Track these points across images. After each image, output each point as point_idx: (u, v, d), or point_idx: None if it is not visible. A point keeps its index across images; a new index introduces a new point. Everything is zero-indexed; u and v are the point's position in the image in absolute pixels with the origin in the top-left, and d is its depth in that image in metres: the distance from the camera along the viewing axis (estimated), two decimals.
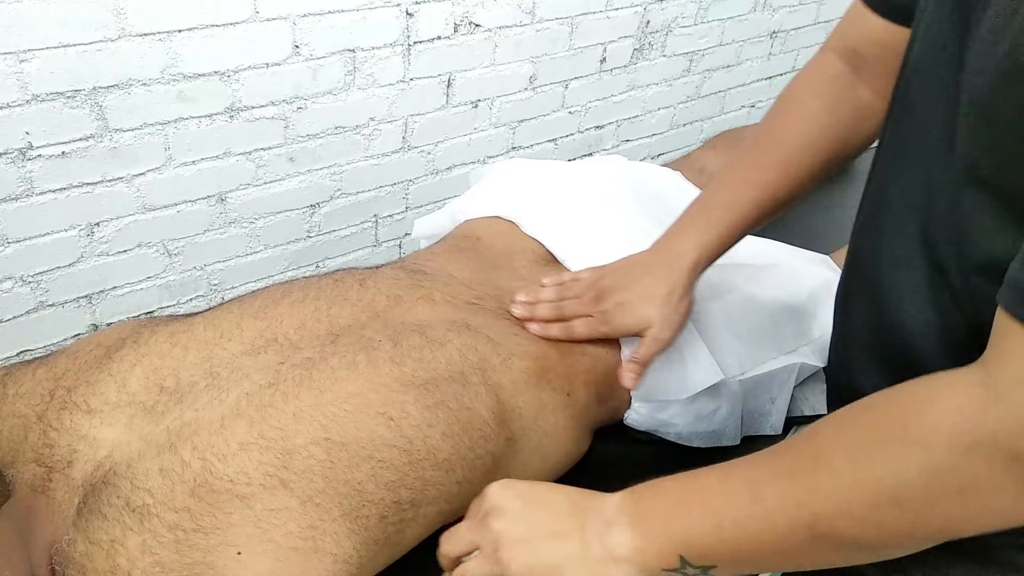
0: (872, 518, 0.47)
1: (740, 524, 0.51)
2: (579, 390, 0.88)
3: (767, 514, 0.50)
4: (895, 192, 0.62)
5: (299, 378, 0.70)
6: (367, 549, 0.66)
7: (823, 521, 0.48)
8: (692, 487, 0.56)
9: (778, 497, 0.50)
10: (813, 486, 0.49)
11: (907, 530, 0.47)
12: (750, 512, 0.51)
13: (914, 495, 0.45)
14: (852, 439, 0.48)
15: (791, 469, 0.50)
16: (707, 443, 0.99)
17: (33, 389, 0.71)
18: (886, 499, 0.46)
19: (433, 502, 0.72)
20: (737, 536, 0.51)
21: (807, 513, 0.48)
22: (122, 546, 0.60)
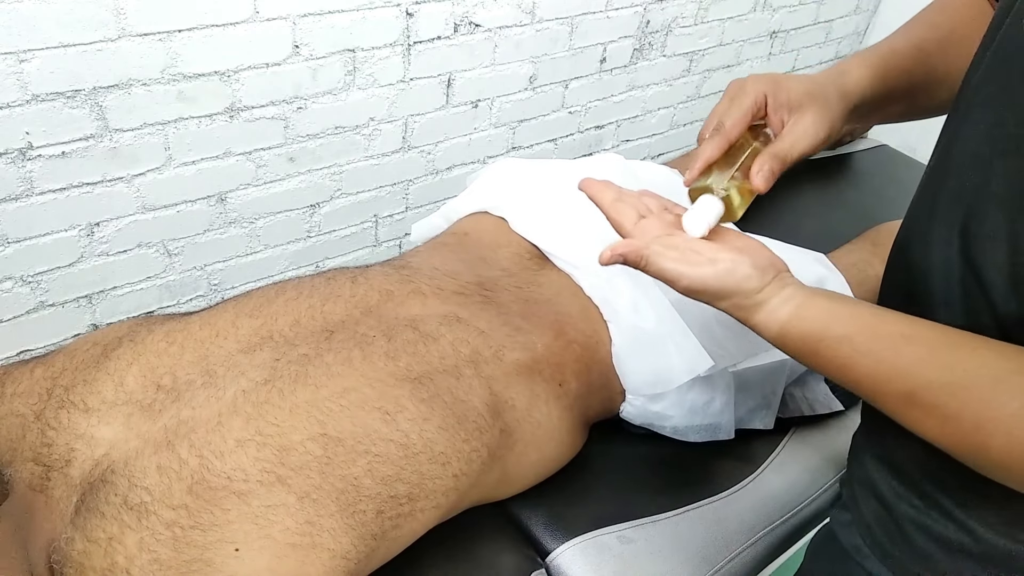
0: (954, 424, 0.51)
1: (863, 361, 0.56)
2: (570, 380, 0.88)
3: (880, 365, 0.55)
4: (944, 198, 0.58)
5: (295, 374, 0.70)
6: (364, 544, 0.66)
7: (918, 400, 0.53)
8: (854, 312, 0.59)
9: (896, 367, 0.54)
10: (923, 384, 0.52)
11: (971, 441, 0.50)
12: (876, 364, 0.55)
13: (988, 424, 0.49)
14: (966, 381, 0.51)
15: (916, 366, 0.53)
16: (703, 437, 0.99)
17: (31, 388, 0.71)
18: (970, 419, 0.50)
19: (430, 496, 0.72)
20: (855, 367, 0.57)
21: (907, 387, 0.53)
22: (120, 544, 0.60)
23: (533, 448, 0.84)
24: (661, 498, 0.95)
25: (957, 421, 0.51)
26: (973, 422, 0.50)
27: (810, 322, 0.60)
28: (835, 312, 0.60)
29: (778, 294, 0.63)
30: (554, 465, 0.90)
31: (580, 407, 0.90)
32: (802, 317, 0.61)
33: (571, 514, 0.91)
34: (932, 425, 0.53)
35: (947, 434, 0.52)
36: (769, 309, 0.63)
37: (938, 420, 0.52)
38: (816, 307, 0.61)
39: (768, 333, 0.63)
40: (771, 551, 0.96)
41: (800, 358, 0.62)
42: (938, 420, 0.52)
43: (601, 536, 0.89)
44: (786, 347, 0.63)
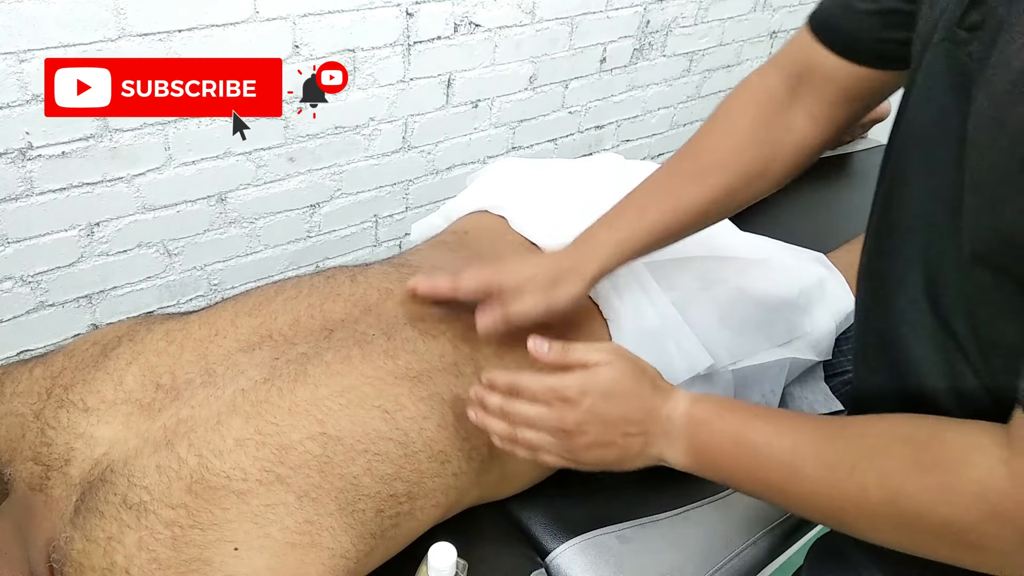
0: (891, 536, 0.55)
1: (774, 493, 0.60)
2: None
3: (800, 498, 0.58)
4: (900, 265, 0.61)
5: (294, 373, 0.70)
6: (364, 543, 0.66)
7: (848, 522, 0.57)
8: (745, 440, 0.62)
9: (812, 487, 0.57)
10: (845, 493, 0.55)
11: (919, 552, 0.54)
12: (784, 488, 0.59)
13: (931, 536, 0.52)
14: (888, 466, 0.53)
15: (831, 466, 0.56)
16: None
17: (30, 388, 0.71)
18: (907, 529, 0.53)
19: (429, 495, 0.72)
20: (780, 491, 0.60)
21: (836, 509, 0.56)
22: (119, 543, 0.60)
23: None
24: (661, 498, 0.95)
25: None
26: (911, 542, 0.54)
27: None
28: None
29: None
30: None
31: None
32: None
33: (571, 514, 0.91)
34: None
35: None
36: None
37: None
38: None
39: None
40: (771, 551, 0.96)
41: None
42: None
43: (601, 536, 0.89)
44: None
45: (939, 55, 0.54)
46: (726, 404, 0.67)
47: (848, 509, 0.55)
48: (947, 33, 0.53)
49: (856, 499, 0.54)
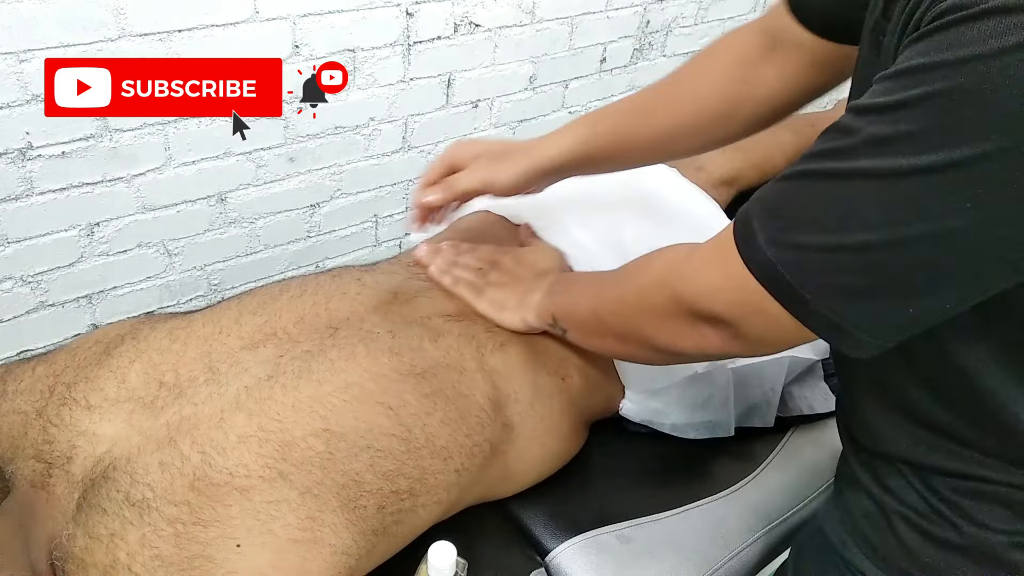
0: (614, 310, 0.72)
1: (574, 303, 0.81)
2: (573, 375, 0.88)
3: (586, 300, 0.78)
4: None
5: (298, 370, 0.70)
6: (365, 540, 0.66)
7: (600, 305, 0.75)
8: (577, 280, 0.87)
9: (594, 290, 0.78)
10: (605, 288, 0.75)
11: (628, 327, 0.70)
12: (584, 299, 0.79)
13: (632, 309, 0.69)
14: (630, 266, 0.73)
15: (607, 276, 0.76)
16: (702, 434, 0.99)
17: (33, 386, 0.71)
18: (621, 301, 0.71)
19: (431, 491, 0.72)
20: (572, 310, 0.81)
21: (596, 299, 0.76)
22: (122, 540, 0.60)
23: (535, 443, 0.85)
24: (661, 497, 0.95)
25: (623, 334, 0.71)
26: (628, 324, 0.70)
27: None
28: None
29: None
30: (556, 462, 0.90)
31: (582, 403, 0.90)
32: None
33: (571, 513, 0.91)
34: (615, 344, 0.75)
35: (627, 347, 0.73)
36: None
37: (615, 337, 0.73)
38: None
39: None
40: (771, 550, 0.96)
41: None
42: (615, 337, 0.73)
43: (601, 535, 0.89)
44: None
45: (869, 44, 0.56)
46: (581, 272, 0.94)
47: (600, 301, 0.75)
48: (875, 24, 0.55)
49: (606, 295, 0.74)
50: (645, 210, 1.09)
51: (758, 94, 0.82)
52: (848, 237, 0.47)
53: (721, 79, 0.82)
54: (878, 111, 0.45)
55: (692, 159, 1.32)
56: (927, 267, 0.46)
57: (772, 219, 0.52)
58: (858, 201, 0.47)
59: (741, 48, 0.82)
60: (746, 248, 0.54)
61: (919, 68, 0.43)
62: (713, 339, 0.60)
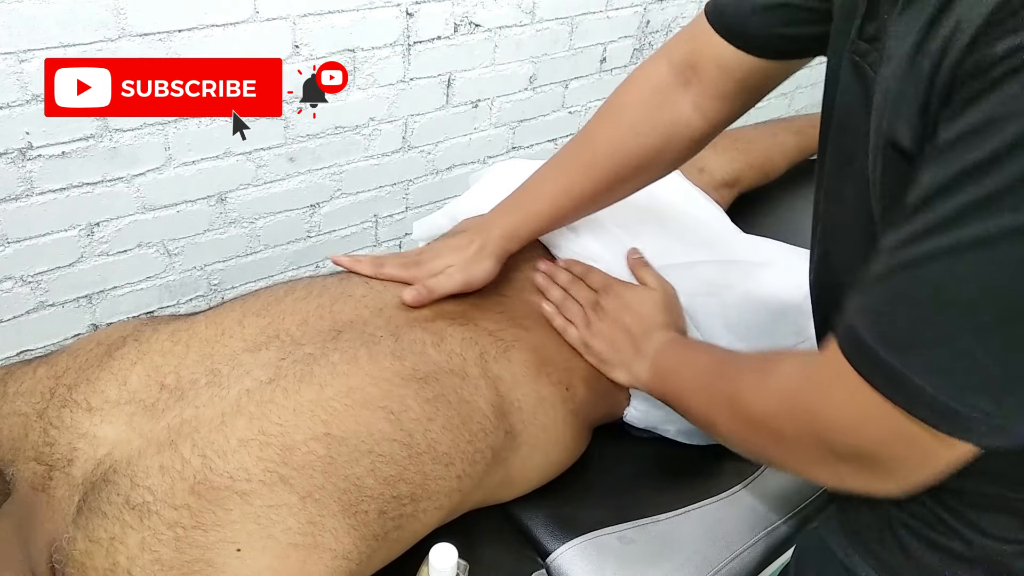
0: (735, 432, 0.67)
1: (685, 396, 0.76)
2: (578, 385, 0.88)
3: (696, 394, 0.74)
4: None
5: (300, 374, 0.70)
6: (366, 545, 0.66)
7: (713, 410, 0.70)
8: (686, 359, 0.81)
9: (705, 388, 0.72)
10: (718, 393, 0.69)
11: (754, 447, 0.66)
12: (696, 400, 0.74)
13: (750, 427, 0.63)
14: (741, 375, 0.66)
15: (719, 375, 0.71)
16: (707, 441, 0.99)
17: (34, 387, 0.71)
18: (738, 421, 0.65)
19: (432, 497, 0.72)
20: (683, 403, 0.76)
21: (709, 402, 0.71)
22: (122, 544, 0.60)
23: (538, 451, 0.84)
24: (661, 498, 0.95)
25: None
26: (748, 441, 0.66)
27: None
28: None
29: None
30: (557, 469, 0.90)
31: (585, 412, 0.90)
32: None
33: (571, 514, 0.91)
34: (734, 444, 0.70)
35: (746, 450, 0.69)
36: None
37: (734, 443, 0.69)
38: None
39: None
40: (771, 552, 0.96)
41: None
42: (734, 443, 0.69)
43: (601, 536, 0.89)
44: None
45: (850, 69, 0.56)
46: (690, 342, 0.88)
47: (713, 405, 0.70)
48: (852, 45, 0.55)
49: (718, 400, 0.68)
50: (650, 214, 1.08)
51: (674, 137, 0.83)
52: (972, 319, 0.43)
53: (633, 136, 0.84)
54: (965, 175, 0.41)
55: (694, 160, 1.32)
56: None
57: (885, 326, 0.47)
58: (978, 273, 0.42)
59: (650, 93, 0.83)
60: (869, 370, 0.48)
61: (998, 118, 0.40)
62: (852, 476, 0.54)
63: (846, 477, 0.55)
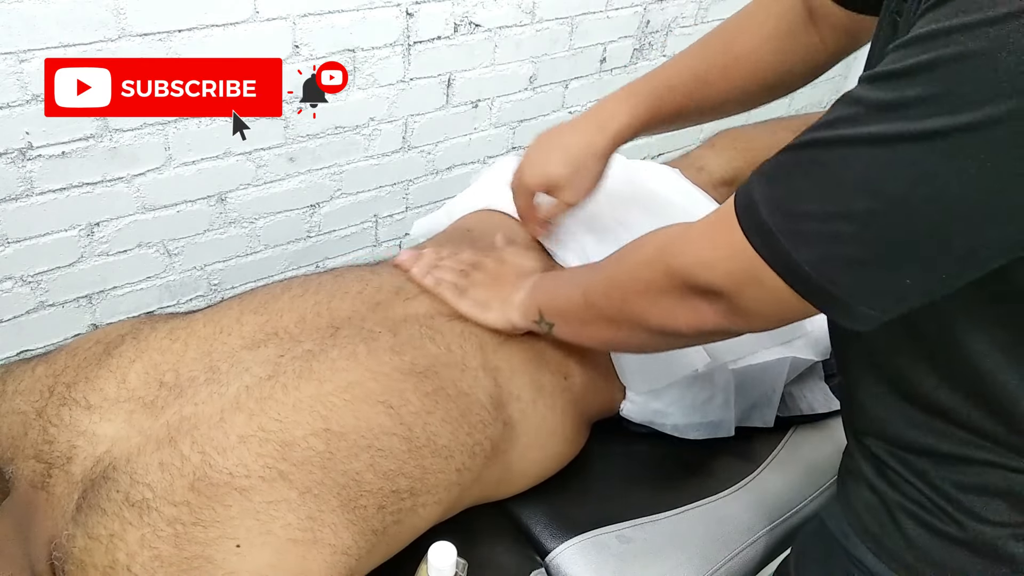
0: (603, 293, 0.72)
1: (561, 295, 0.80)
2: (575, 373, 0.88)
3: (574, 289, 0.77)
4: None
5: (299, 370, 0.70)
6: (366, 540, 0.66)
7: (590, 295, 0.74)
8: (563, 273, 0.88)
9: (581, 279, 0.77)
10: (593, 274, 0.74)
11: (620, 308, 0.69)
12: (572, 288, 0.78)
13: (627, 291, 0.68)
14: (623, 249, 0.71)
15: (595, 265, 0.75)
16: (703, 435, 0.99)
17: (33, 386, 0.71)
18: (611, 282, 0.70)
19: (432, 491, 0.72)
20: (559, 302, 0.80)
21: (584, 287, 0.75)
22: (121, 540, 0.60)
23: (536, 443, 0.85)
24: (661, 498, 0.95)
25: (616, 316, 0.71)
26: (621, 306, 0.69)
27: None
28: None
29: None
30: (556, 463, 0.90)
31: (583, 403, 0.90)
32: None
33: (571, 513, 0.91)
34: (607, 330, 0.73)
35: (619, 331, 0.72)
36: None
37: (607, 322, 0.73)
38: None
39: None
40: (771, 551, 0.96)
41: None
42: (607, 322, 0.73)
43: (601, 535, 0.89)
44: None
45: (887, 22, 0.56)
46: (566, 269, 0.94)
47: (588, 287, 0.74)
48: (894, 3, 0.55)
49: (597, 279, 0.73)
50: (647, 213, 1.09)
51: (802, 61, 0.84)
52: (849, 204, 0.47)
53: (771, 49, 0.84)
54: (886, 78, 0.45)
55: (693, 159, 1.33)
56: (928, 234, 0.46)
57: (774, 188, 0.52)
58: (860, 167, 0.46)
59: (789, 16, 0.83)
60: (746, 218, 0.53)
61: (928, 35, 0.43)
62: (708, 314, 0.60)
63: (702, 315, 0.60)
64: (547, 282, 0.85)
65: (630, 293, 0.67)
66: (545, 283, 0.85)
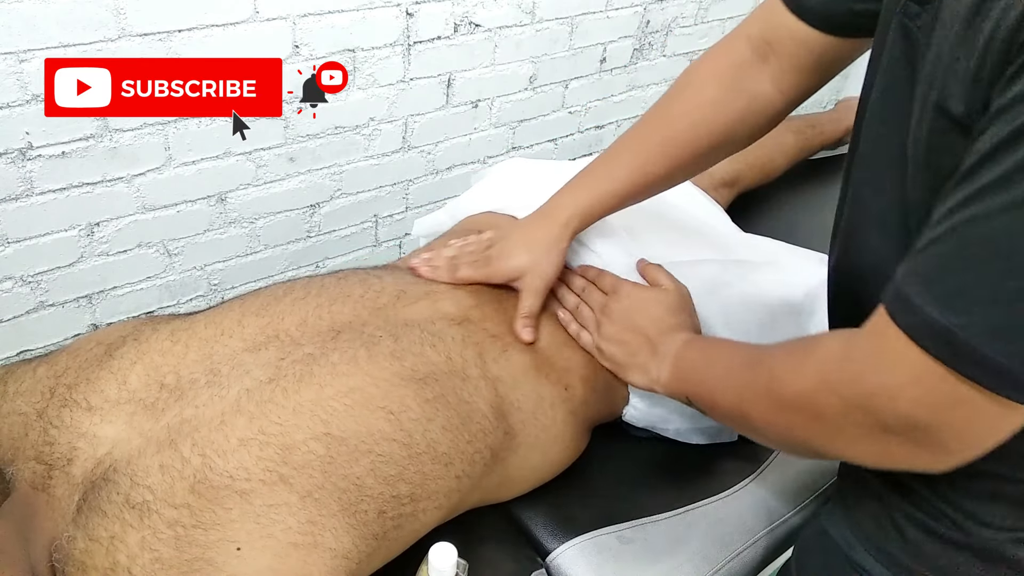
0: (769, 414, 0.63)
1: (712, 392, 0.73)
2: (576, 384, 0.88)
3: (727, 394, 0.70)
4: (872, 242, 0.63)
5: (299, 374, 0.70)
6: (366, 544, 0.66)
7: (746, 401, 0.66)
8: (709, 356, 0.78)
9: (735, 381, 0.69)
10: (750, 383, 0.66)
11: (791, 432, 0.61)
12: (725, 392, 0.71)
13: (788, 408, 0.59)
14: (775, 357, 0.63)
15: (749, 365, 0.68)
16: (706, 440, 0.99)
17: (34, 387, 0.71)
18: (775, 403, 0.61)
19: (432, 497, 0.72)
20: (713, 400, 0.73)
21: (740, 394, 0.67)
22: (122, 543, 0.60)
23: (537, 451, 0.84)
24: (661, 498, 0.95)
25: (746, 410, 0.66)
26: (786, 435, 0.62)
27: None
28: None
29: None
30: (556, 469, 0.90)
31: (584, 412, 0.90)
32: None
33: (571, 514, 0.91)
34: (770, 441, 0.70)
35: (785, 448, 0.68)
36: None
37: (769, 440, 0.69)
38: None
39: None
40: (771, 551, 0.96)
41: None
42: (769, 440, 0.69)
43: (601, 536, 0.89)
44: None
45: (898, 31, 0.56)
46: (711, 339, 0.87)
47: (745, 396, 0.66)
48: (902, 6, 0.54)
49: (754, 387, 0.65)
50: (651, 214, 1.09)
51: (753, 113, 0.82)
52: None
53: (713, 113, 0.83)
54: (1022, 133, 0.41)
55: None
56: None
57: (939, 286, 0.46)
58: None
59: (729, 70, 0.82)
60: (919, 331, 0.46)
61: None
62: (900, 449, 0.52)
63: (895, 451, 0.52)
64: (694, 370, 0.78)
65: (797, 425, 0.59)
66: (691, 369, 0.79)
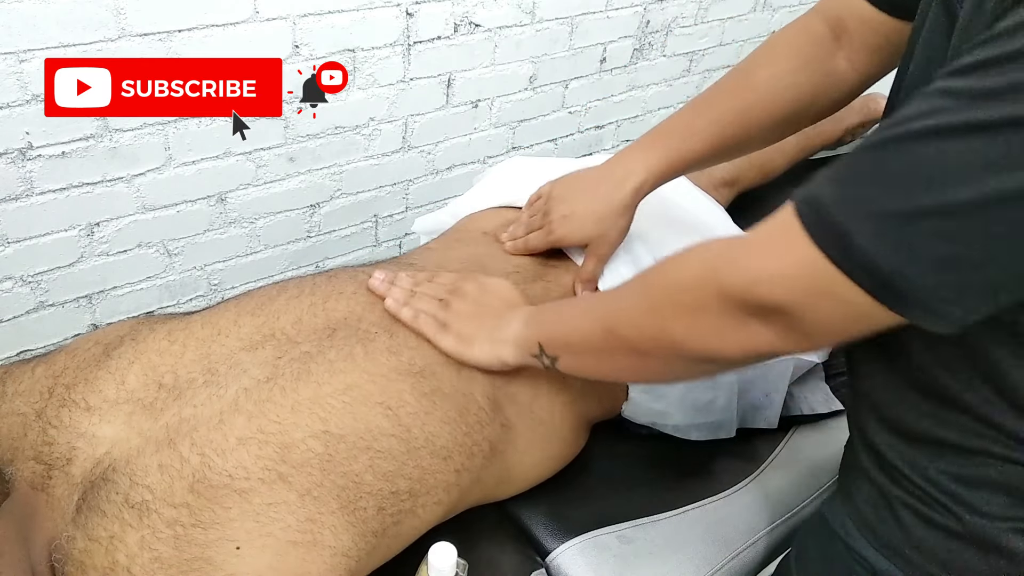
0: (636, 316, 0.65)
1: (570, 326, 0.74)
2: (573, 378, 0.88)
3: (590, 319, 0.71)
4: None
5: (297, 372, 0.70)
6: (365, 541, 0.66)
7: (611, 315, 0.68)
8: (569, 303, 0.82)
9: (599, 304, 0.71)
10: (619, 297, 0.68)
11: (653, 335, 0.63)
12: (587, 318, 0.72)
13: (667, 305, 0.61)
14: (656, 266, 0.65)
15: (615, 290, 0.70)
16: (704, 436, 0.99)
17: (32, 387, 0.71)
18: (649, 304, 0.63)
19: (431, 492, 0.72)
20: (567, 335, 0.74)
21: (605, 312, 0.69)
22: (121, 542, 0.60)
23: (535, 445, 0.84)
24: (661, 498, 0.95)
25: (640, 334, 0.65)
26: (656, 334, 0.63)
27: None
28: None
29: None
30: (555, 464, 0.90)
31: (582, 404, 0.90)
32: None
33: (571, 514, 0.91)
34: (633, 361, 0.68)
35: (648, 362, 0.66)
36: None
37: (634, 353, 0.67)
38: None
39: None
40: (771, 551, 0.96)
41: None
42: (634, 353, 0.67)
43: (601, 536, 0.89)
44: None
45: (942, 10, 0.56)
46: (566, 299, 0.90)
47: (610, 310, 0.68)
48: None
49: (620, 306, 0.67)
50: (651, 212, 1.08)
51: (829, 88, 0.83)
52: (941, 197, 0.43)
53: (792, 85, 0.82)
54: (986, 66, 0.43)
55: None
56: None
57: (847, 190, 0.48)
58: (958, 156, 0.43)
59: (807, 45, 0.82)
60: (816, 225, 0.49)
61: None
62: (762, 335, 0.55)
63: (756, 336, 0.55)
64: (547, 314, 0.78)
65: (669, 319, 0.61)
66: (545, 315, 0.78)
